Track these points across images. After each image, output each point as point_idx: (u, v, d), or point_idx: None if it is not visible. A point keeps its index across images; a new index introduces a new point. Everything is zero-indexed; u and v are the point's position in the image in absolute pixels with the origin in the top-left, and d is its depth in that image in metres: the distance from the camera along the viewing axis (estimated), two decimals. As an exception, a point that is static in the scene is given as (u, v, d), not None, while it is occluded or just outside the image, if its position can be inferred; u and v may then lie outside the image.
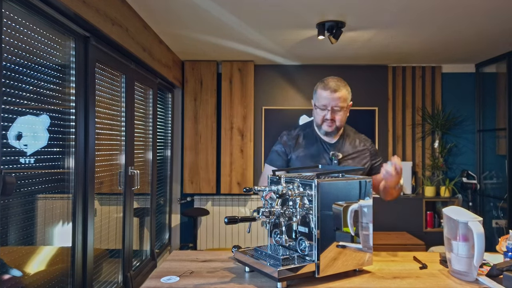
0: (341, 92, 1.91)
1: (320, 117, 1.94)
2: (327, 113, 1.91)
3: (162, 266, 1.69)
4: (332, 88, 1.89)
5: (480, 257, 1.44)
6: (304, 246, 1.53)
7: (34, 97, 1.87)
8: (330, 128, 1.94)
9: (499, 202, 4.34)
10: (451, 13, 2.94)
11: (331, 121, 1.91)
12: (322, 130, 1.96)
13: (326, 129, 1.94)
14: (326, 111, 1.91)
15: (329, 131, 1.94)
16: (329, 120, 1.91)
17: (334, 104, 1.90)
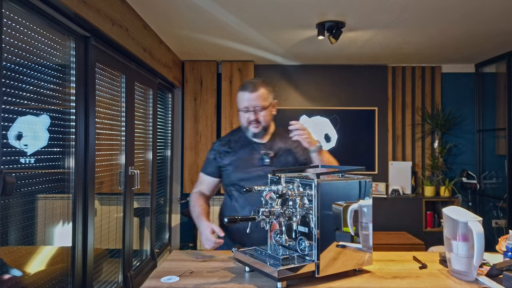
0: (260, 91, 1.91)
1: (245, 120, 1.94)
2: (251, 115, 1.91)
3: (162, 266, 1.69)
4: (250, 89, 1.90)
5: (479, 257, 1.44)
6: (304, 246, 1.53)
7: (34, 97, 1.87)
8: (256, 129, 1.93)
9: (498, 202, 4.34)
10: (451, 13, 2.94)
11: (255, 121, 1.92)
12: (249, 132, 1.96)
13: (253, 130, 1.94)
14: (249, 112, 1.91)
15: (256, 131, 1.94)
16: (254, 120, 1.91)
17: (255, 104, 1.90)
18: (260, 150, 1.97)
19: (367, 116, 4.70)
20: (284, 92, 4.75)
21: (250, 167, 1.95)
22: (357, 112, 4.71)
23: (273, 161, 1.95)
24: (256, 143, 2.00)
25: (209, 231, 1.79)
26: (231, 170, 1.97)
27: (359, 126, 4.70)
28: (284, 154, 1.99)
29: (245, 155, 1.97)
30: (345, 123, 4.69)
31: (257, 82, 1.94)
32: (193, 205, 1.99)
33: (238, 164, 1.96)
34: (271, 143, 2.01)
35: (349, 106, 4.71)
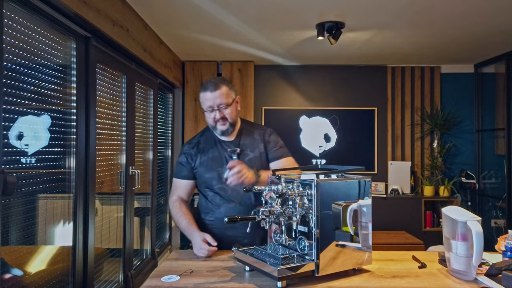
0: (221, 89, 1.91)
1: (211, 119, 1.95)
2: (216, 113, 1.92)
3: (162, 265, 1.70)
4: (211, 88, 1.91)
5: (479, 256, 1.45)
6: (303, 246, 1.54)
7: (35, 97, 1.87)
8: (224, 127, 1.94)
9: (497, 201, 4.35)
10: (450, 13, 2.95)
11: (222, 119, 1.92)
12: (218, 130, 1.97)
13: (221, 128, 1.95)
14: (214, 111, 1.92)
15: (224, 129, 1.95)
16: (220, 119, 1.92)
17: (218, 102, 1.91)
18: (227, 148, 1.99)
19: (367, 116, 4.71)
20: (284, 92, 4.76)
21: (220, 166, 1.96)
22: (356, 112, 4.72)
23: (239, 158, 1.97)
24: (224, 142, 2.02)
25: (201, 240, 1.82)
26: (202, 171, 1.99)
27: (358, 126, 4.71)
28: (250, 150, 2.01)
29: (214, 155, 1.99)
30: (345, 123, 4.70)
31: (218, 81, 1.94)
32: (177, 215, 1.99)
33: (208, 164, 1.98)
34: (238, 140, 2.02)
35: (349, 106, 4.72)
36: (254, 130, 2.09)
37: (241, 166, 1.81)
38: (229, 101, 1.93)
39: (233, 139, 2.02)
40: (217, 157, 1.99)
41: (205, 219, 2.03)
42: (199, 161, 2.00)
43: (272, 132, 2.13)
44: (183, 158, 2.04)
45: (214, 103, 1.90)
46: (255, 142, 2.04)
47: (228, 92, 1.93)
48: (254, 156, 2.00)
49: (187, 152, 2.03)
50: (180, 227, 1.98)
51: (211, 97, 1.90)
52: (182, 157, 2.04)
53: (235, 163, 1.82)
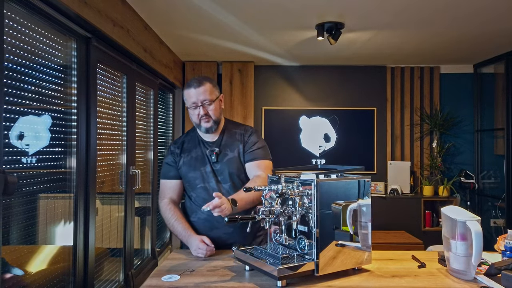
0: (205, 85, 1.92)
1: (195, 116, 1.95)
2: (200, 109, 1.92)
3: (163, 265, 1.70)
4: (195, 85, 1.92)
5: (478, 256, 1.45)
6: (303, 245, 1.54)
7: (36, 97, 1.88)
8: (208, 124, 1.94)
9: (497, 201, 4.36)
10: (449, 14, 2.96)
11: (205, 116, 1.92)
12: (202, 127, 1.96)
13: (205, 125, 1.95)
14: (198, 108, 1.92)
15: (208, 126, 1.95)
16: (204, 115, 1.92)
17: (202, 98, 1.91)
18: (209, 148, 2.00)
19: (366, 116, 4.72)
20: (284, 92, 4.77)
21: (202, 166, 1.98)
22: (356, 112, 4.72)
23: (218, 158, 1.98)
24: (206, 142, 2.03)
25: (199, 241, 1.83)
26: (185, 170, 2.00)
27: (358, 126, 4.71)
28: (230, 150, 2.00)
29: (197, 154, 2.01)
30: (344, 123, 4.71)
31: (201, 78, 1.96)
32: (171, 219, 1.98)
33: (191, 163, 2.00)
34: (220, 140, 2.03)
35: (348, 107, 4.73)
36: (236, 130, 2.07)
37: (221, 202, 1.69)
38: (213, 97, 1.94)
39: (216, 139, 2.03)
40: (200, 157, 2.00)
41: (189, 220, 2.03)
42: (182, 160, 2.01)
43: (254, 132, 2.07)
44: (169, 158, 2.05)
45: (198, 99, 1.91)
46: (235, 142, 2.03)
47: (211, 89, 1.94)
48: (233, 156, 1.99)
49: (173, 152, 2.04)
50: (175, 232, 1.97)
51: (194, 93, 1.91)
52: (169, 157, 2.05)
53: (218, 204, 1.68)
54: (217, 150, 1.98)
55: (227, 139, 2.03)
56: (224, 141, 2.02)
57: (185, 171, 2.01)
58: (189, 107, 1.95)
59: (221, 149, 1.99)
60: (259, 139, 2.06)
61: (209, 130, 1.97)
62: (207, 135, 2.02)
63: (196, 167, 1.98)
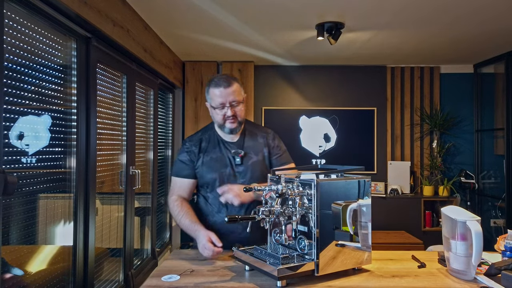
0: (234, 86, 1.87)
1: (220, 117, 1.89)
2: (227, 110, 1.86)
3: (163, 265, 1.70)
4: (224, 84, 1.85)
5: (478, 256, 1.45)
6: (303, 245, 1.54)
7: (36, 97, 1.88)
8: (233, 125, 1.89)
9: (497, 201, 4.36)
10: (450, 13, 2.96)
11: (232, 117, 1.87)
12: (226, 128, 1.91)
13: (230, 126, 1.89)
14: (225, 108, 1.87)
15: (233, 127, 1.90)
16: (231, 116, 1.87)
17: (231, 99, 1.86)
18: (231, 149, 1.95)
19: (366, 116, 4.72)
20: (284, 92, 4.77)
21: (222, 167, 1.91)
22: (356, 112, 4.72)
23: (243, 161, 1.93)
24: (227, 142, 1.97)
25: (207, 239, 1.73)
26: (204, 171, 1.93)
27: (358, 126, 4.71)
28: (254, 153, 1.97)
29: (217, 155, 1.93)
30: (344, 123, 4.71)
31: (229, 78, 1.89)
32: (179, 214, 1.89)
33: (211, 165, 1.92)
34: (241, 141, 1.98)
35: (348, 106, 4.73)
36: (257, 132, 2.04)
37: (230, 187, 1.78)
38: (241, 98, 1.89)
39: (236, 140, 1.98)
40: (220, 158, 1.93)
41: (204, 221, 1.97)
42: (201, 160, 1.93)
43: (276, 135, 2.09)
44: (184, 156, 1.96)
45: (227, 100, 1.85)
46: (259, 145, 1.99)
47: (239, 89, 1.89)
48: (257, 159, 1.96)
49: (189, 150, 1.96)
50: (183, 227, 1.88)
51: (224, 93, 1.84)
52: (184, 155, 1.96)
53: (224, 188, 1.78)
54: (242, 152, 1.93)
55: (249, 141, 1.98)
56: (247, 143, 1.97)
57: (203, 172, 1.93)
58: (215, 107, 1.88)
59: (245, 152, 1.95)
60: (281, 142, 2.09)
61: (233, 131, 1.92)
62: (228, 135, 1.96)
63: (216, 168, 1.91)
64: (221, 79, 1.87)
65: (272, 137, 2.06)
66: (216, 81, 1.88)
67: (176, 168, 1.98)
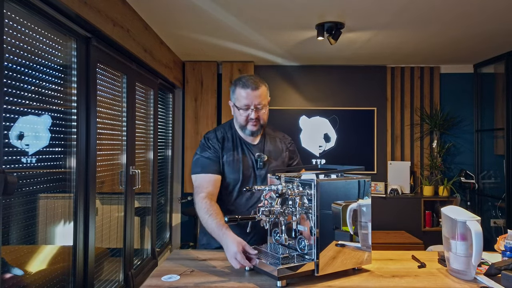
0: (262, 89, 1.84)
1: (243, 118, 1.85)
2: (251, 113, 1.83)
3: (163, 265, 1.70)
4: (252, 86, 1.81)
5: (478, 256, 1.45)
6: (303, 245, 1.54)
7: (36, 97, 1.88)
8: (255, 127, 1.86)
9: (497, 201, 4.36)
10: (450, 13, 2.96)
11: (255, 120, 1.84)
12: (247, 130, 1.88)
13: (252, 128, 1.87)
14: (249, 110, 1.83)
15: (254, 130, 1.87)
16: (254, 119, 1.84)
17: (257, 102, 1.83)
18: (253, 151, 1.93)
19: (366, 116, 4.72)
20: (284, 92, 4.77)
21: (245, 169, 1.89)
22: (356, 112, 4.72)
23: (265, 164, 1.92)
24: (248, 144, 1.93)
25: (239, 249, 1.52)
26: (228, 171, 1.88)
27: (358, 126, 4.71)
28: (275, 158, 1.96)
29: (238, 156, 1.90)
30: (344, 123, 4.71)
31: (257, 79, 1.86)
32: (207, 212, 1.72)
33: (234, 165, 1.88)
34: (262, 144, 1.96)
35: (348, 107, 4.73)
36: (276, 136, 2.04)
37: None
38: (266, 102, 1.87)
39: (257, 143, 1.95)
40: (243, 159, 1.90)
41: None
42: (224, 160, 1.88)
43: (293, 142, 2.11)
44: (210, 153, 1.87)
45: (253, 102, 1.82)
46: (278, 150, 1.99)
47: (266, 92, 1.87)
48: (277, 164, 1.95)
49: (214, 147, 1.89)
50: (208, 228, 1.71)
51: (251, 95, 1.81)
52: (210, 152, 1.88)
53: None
54: (265, 157, 1.91)
55: (270, 145, 1.97)
56: (267, 146, 1.96)
57: (227, 172, 1.88)
58: (240, 107, 1.84)
59: (268, 156, 1.93)
60: (296, 148, 2.12)
61: (254, 134, 1.90)
62: (249, 137, 1.93)
63: (238, 169, 1.88)
64: (249, 80, 1.84)
65: (290, 142, 2.09)
66: (244, 81, 1.84)
67: (202, 165, 1.87)
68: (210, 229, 1.69)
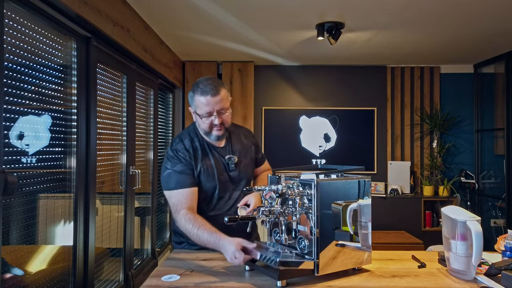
0: (222, 92, 1.76)
1: (207, 125, 1.79)
2: (215, 119, 1.76)
3: (163, 265, 1.70)
4: (212, 92, 1.73)
5: (478, 256, 1.45)
6: (303, 245, 1.54)
7: (36, 97, 1.88)
8: (220, 132, 1.81)
9: (497, 201, 4.36)
10: (450, 13, 2.96)
11: (220, 125, 1.78)
12: (212, 136, 1.82)
13: (217, 134, 1.81)
14: (212, 117, 1.76)
15: (220, 134, 1.82)
16: (218, 125, 1.78)
17: (219, 107, 1.76)
18: (222, 154, 1.89)
19: (366, 116, 4.72)
20: (284, 92, 4.77)
21: (220, 174, 1.85)
22: (356, 112, 4.72)
23: (237, 165, 1.90)
24: (217, 148, 1.88)
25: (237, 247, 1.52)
26: (204, 180, 1.83)
27: (358, 126, 4.71)
28: (244, 155, 1.94)
29: (212, 162, 1.85)
30: (345, 123, 4.71)
31: (216, 83, 1.77)
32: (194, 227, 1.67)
33: (209, 173, 1.83)
34: (229, 146, 1.92)
35: (348, 107, 4.73)
36: (239, 132, 2.01)
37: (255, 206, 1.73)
38: (228, 104, 1.81)
39: (224, 145, 1.91)
40: (216, 165, 1.85)
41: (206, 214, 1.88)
42: (198, 170, 1.82)
43: (253, 134, 2.10)
44: (182, 167, 1.79)
45: (214, 108, 1.75)
46: (245, 147, 1.97)
47: (227, 95, 1.80)
48: (247, 162, 1.94)
49: (185, 159, 1.81)
50: (202, 242, 1.66)
51: (212, 102, 1.73)
52: (181, 166, 1.79)
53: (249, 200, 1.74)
54: (236, 158, 1.89)
55: (236, 144, 1.95)
56: (234, 146, 1.94)
57: (203, 181, 1.83)
58: (202, 115, 1.77)
59: (237, 156, 1.91)
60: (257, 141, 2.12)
61: (220, 138, 1.85)
62: (215, 142, 1.88)
63: (213, 176, 1.84)
64: (208, 85, 1.75)
65: (252, 135, 2.07)
66: (202, 87, 1.75)
67: (177, 180, 1.79)
68: (204, 241, 1.65)
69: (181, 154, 1.82)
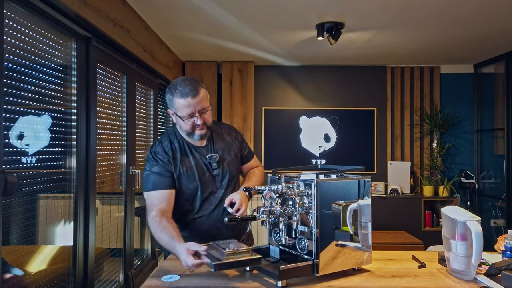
0: (201, 92, 1.73)
1: (189, 126, 1.76)
2: (197, 119, 1.74)
3: (163, 265, 1.70)
4: (191, 93, 1.70)
5: (478, 256, 1.45)
6: (303, 245, 1.54)
7: (36, 97, 1.88)
8: (203, 131, 1.79)
9: (497, 201, 4.36)
10: (450, 14, 2.96)
11: (202, 124, 1.76)
12: (195, 136, 1.80)
13: (200, 133, 1.79)
14: (194, 118, 1.74)
15: (203, 134, 1.80)
16: (200, 125, 1.76)
17: (200, 108, 1.73)
18: (204, 154, 1.87)
19: (366, 116, 4.72)
20: (284, 92, 4.77)
21: (201, 175, 1.83)
22: (356, 112, 4.73)
23: (219, 163, 1.88)
24: (198, 148, 1.86)
25: (187, 252, 1.47)
26: (185, 181, 1.81)
27: (358, 126, 4.72)
28: (226, 153, 1.92)
29: (192, 163, 1.83)
30: (345, 123, 4.71)
31: (194, 83, 1.74)
32: (156, 231, 1.65)
33: (189, 174, 1.81)
34: (211, 144, 1.90)
35: (348, 107, 4.73)
36: (221, 130, 1.98)
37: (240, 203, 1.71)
38: (208, 104, 1.79)
39: (205, 144, 1.88)
40: (197, 165, 1.83)
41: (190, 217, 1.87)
42: (178, 172, 1.81)
43: (237, 130, 2.06)
44: (159, 168, 1.78)
45: (196, 109, 1.72)
46: (228, 144, 1.95)
47: (206, 94, 1.77)
48: (231, 159, 1.92)
49: (163, 160, 1.80)
50: (164, 246, 1.65)
51: (192, 103, 1.71)
52: (158, 167, 1.78)
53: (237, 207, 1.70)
54: (217, 156, 1.87)
55: (219, 142, 1.92)
56: (217, 144, 1.91)
57: (184, 183, 1.81)
58: (183, 117, 1.74)
59: (219, 154, 1.89)
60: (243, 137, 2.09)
61: (203, 137, 1.83)
62: (198, 141, 1.86)
63: (194, 177, 1.81)
64: (186, 87, 1.71)
65: (235, 131, 2.04)
66: (181, 89, 1.71)
67: (153, 181, 1.78)
68: (165, 245, 1.63)
69: (160, 156, 1.81)
